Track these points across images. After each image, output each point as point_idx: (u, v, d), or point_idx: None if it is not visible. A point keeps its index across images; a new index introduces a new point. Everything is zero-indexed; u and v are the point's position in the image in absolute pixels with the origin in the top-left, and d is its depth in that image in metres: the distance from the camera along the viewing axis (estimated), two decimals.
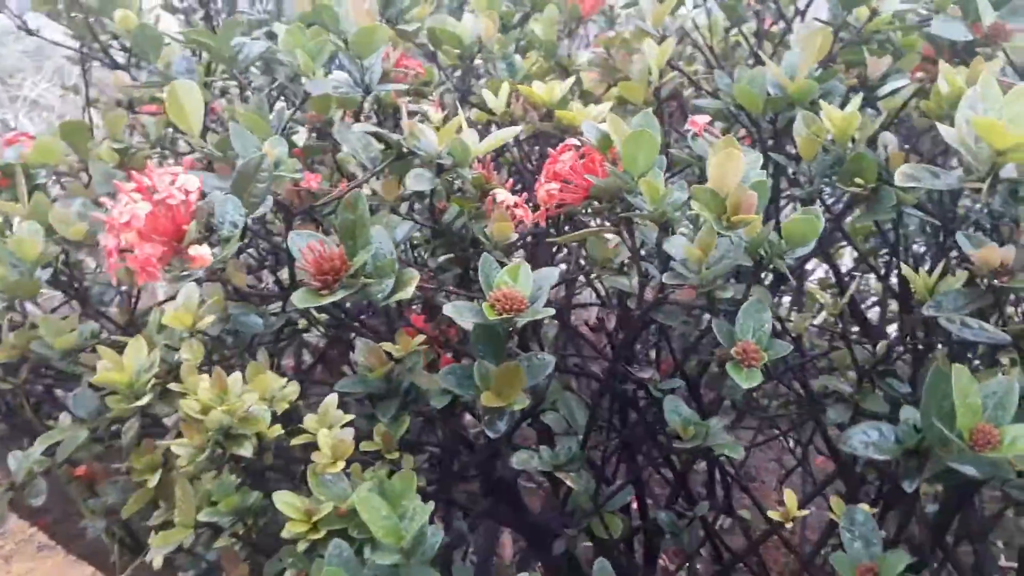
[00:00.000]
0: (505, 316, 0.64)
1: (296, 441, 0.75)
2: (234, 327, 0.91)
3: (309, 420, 0.79)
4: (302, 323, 0.98)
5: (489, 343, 0.71)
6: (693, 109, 0.97)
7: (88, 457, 1.16)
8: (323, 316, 1.01)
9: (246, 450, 0.67)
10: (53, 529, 1.90)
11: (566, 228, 0.86)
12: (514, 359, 0.72)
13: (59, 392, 1.44)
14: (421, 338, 0.88)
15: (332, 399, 0.79)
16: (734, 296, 0.62)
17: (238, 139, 0.68)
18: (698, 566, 1.44)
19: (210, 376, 0.75)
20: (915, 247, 1.03)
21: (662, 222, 0.66)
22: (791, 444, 1.53)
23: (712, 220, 0.58)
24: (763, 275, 0.70)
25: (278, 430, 0.71)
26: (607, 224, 0.80)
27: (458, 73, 1.13)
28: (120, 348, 0.98)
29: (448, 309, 0.71)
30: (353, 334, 0.96)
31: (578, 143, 0.79)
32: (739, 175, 0.56)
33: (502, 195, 0.80)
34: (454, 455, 0.94)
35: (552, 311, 0.64)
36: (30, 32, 1.41)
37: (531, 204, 0.83)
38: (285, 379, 0.76)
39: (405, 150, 0.78)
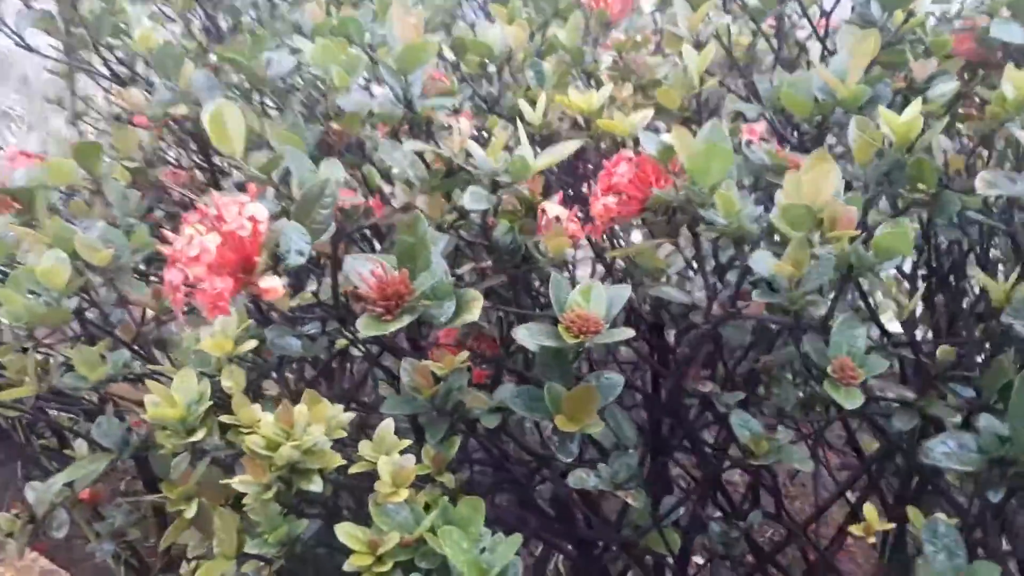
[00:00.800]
0: (582, 339, 0.62)
1: (355, 469, 0.73)
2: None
3: (365, 447, 0.76)
4: (340, 342, 0.95)
5: (556, 365, 0.69)
6: (732, 115, 0.96)
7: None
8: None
9: (316, 485, 0.64)
10: (53, 553, 1.85)
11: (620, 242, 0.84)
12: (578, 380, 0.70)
13: (52, 412, 1.40)
14: (464, 355, 0.86)
15: (388, 425, 0.76)
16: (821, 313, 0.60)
17: (295, 162, 0.65)
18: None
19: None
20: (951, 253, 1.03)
21: (737, 236, 0.64)
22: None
23: (801, 236, 0.56)
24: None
25: (339, 460, 0.69)
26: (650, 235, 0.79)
27: (484, 83, 1.10)
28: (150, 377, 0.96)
29: (520, 333, 0.69)
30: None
31: (631, 155, 0.78)
32: (833, 189, 0.55)
33: (554, 209, 0.78)
34: (501, 474, 0.92)
35: (631, 332, 0.63)
36: (29, 48, 1.36)
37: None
38: (342, 407, 0.73)
39: (456, 166, 0.76)
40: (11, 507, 1.78)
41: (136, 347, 1.07)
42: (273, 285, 0.55)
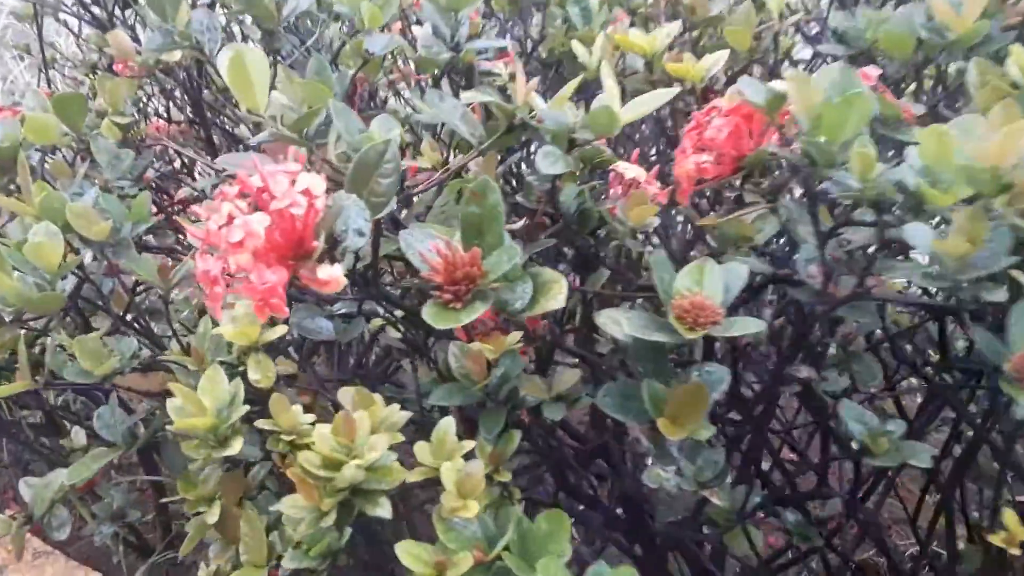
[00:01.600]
0: (698, 332, 0.51)
1: (414, 478, 0.63)
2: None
3: (423, 451, 0.66)
4: (375, 323, 0.84)
5: (652, 358, 0.59)
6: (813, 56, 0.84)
7: None
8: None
9: (383, 510, 0.54)
10: (46, 533, 1.75)
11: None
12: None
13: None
14: (517, 335, 0.76)
15: (448, 425, 0.66)
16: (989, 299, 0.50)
17: (343, 120, 0.53)
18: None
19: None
20: None
21: (874, 201, 0.54)
22: None
23: (979, 206, 0.46)
24: None
25: (404, 475, 0.59)
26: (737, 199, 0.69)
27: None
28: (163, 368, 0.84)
29: (612, 324, 0.59)
30: None
31: (722, 105, 0.66)
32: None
33: (631, 170, 0.67)
34: (563, 469, 0.83)
35: (760, 324, 0.52)
36: None
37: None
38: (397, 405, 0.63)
39: (517, 121, 0.65)
40: (7, 505, 1.67)
41: (130, 319, 0.96)
42: (334, 275, 0.45)
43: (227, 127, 1.41)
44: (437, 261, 0.56)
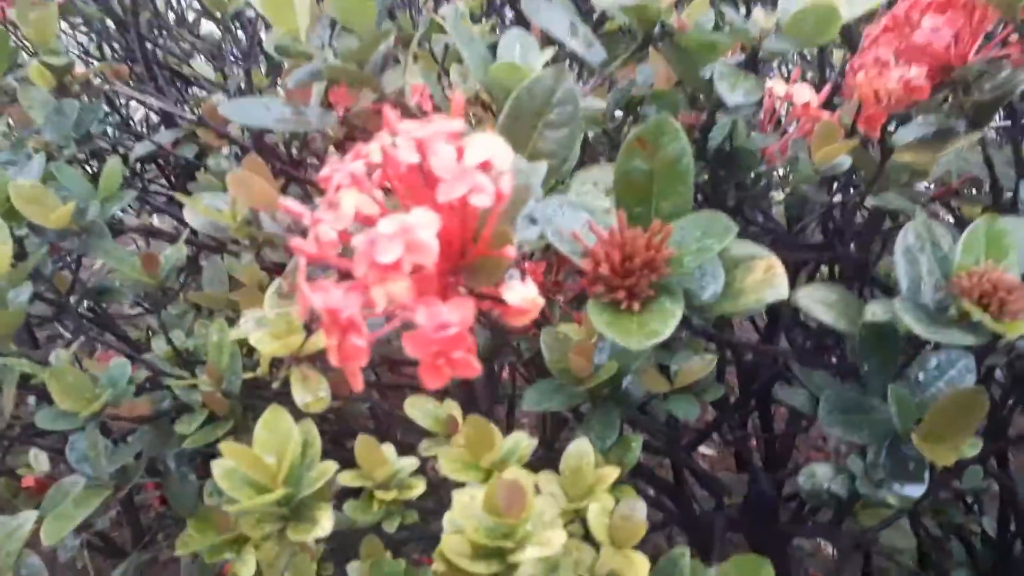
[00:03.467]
0: (1008, 329, 0.36)
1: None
2: None
3: (549, 484, 0.49)
4: None
5: (881, 351, 0.44)
6: None
7: None
8: None
9: None
10: None
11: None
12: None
13: None
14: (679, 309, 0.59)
15: (583, 448, 0.49)
16: None
17: (465, 42, 0.35)
18: None
19: None
20: None
21: None
22: None
23: None
24: None
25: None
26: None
27: None
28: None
29: (807, 301, 0.43)
30: None
31: None
32: None
33: (801, 93, 0.50)
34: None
35: None
36: None
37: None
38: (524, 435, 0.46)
39: (655, 33, 0.46)
40: None
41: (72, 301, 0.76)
42: (529, 298, 0.27)
43: (172, 65, 1.18)
44: (599, 245, 0.39)
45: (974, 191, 0.67)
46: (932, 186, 0.63)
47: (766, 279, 0.40)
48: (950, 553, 0.78)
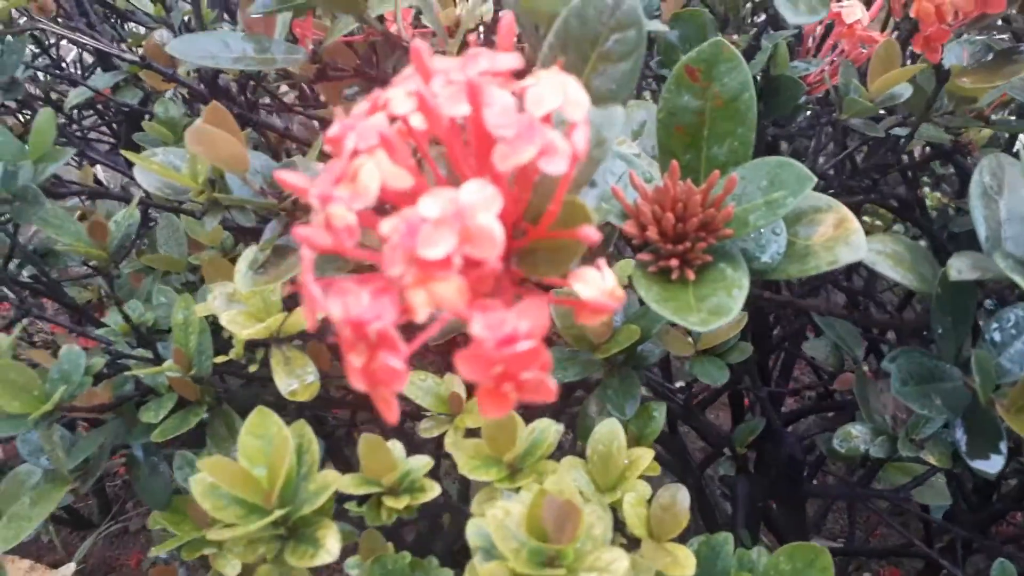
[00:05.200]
0: None
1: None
2: None
3: (573, 469, 0.44)
4: None
5: (957, 311, 0.38)
6: None
7: None
8: None
9: None
10: None
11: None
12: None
13: None
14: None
15: (613, 429, 0.44)
16: None
17: None
18: None
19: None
20: None
21: None
22: None
23: None
24: None
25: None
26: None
27: None
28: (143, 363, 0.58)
29: (875, 256, 0.37)
30: None
31: None
32: None
33: (851, 10, 0.44)
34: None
35: None
36: None
37: None
38: None
39: None
40: None
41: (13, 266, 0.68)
42: (606, 290, 0.21)
43: None
44: (644, 203, 0.32)
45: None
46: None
47: (839, 235, 0.34)
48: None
